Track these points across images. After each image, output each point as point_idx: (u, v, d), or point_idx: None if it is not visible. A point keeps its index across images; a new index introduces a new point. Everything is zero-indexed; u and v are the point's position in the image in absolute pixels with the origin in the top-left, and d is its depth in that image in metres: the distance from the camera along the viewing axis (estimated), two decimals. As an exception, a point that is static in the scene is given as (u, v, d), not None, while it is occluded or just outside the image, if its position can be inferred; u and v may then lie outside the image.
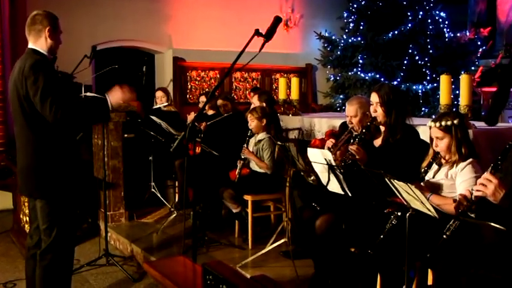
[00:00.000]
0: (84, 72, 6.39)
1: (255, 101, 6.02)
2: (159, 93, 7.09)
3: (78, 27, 7.85)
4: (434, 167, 3.43)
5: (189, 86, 9.29)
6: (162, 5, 8.94)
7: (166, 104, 6.98)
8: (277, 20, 3.06)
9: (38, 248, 3.58)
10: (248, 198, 5.04)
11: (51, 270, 3.49)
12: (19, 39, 7.27)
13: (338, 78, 10.05)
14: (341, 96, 9.89)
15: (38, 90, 3.24)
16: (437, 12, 9.89)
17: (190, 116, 6.92)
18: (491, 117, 4.61)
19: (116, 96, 3.53)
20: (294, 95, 6.80)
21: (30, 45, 3.47)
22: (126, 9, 8.53)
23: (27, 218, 5.28)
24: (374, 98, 3.95)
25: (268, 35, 3.00)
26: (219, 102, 6.27)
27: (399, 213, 3.10)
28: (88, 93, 6.15)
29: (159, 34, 8.98)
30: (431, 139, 3.45)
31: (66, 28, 3.65)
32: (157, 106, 6.95)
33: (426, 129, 3.75)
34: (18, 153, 3.52)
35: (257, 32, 2.98)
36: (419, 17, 9.60)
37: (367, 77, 9.44)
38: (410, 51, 9.45)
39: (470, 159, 3.29)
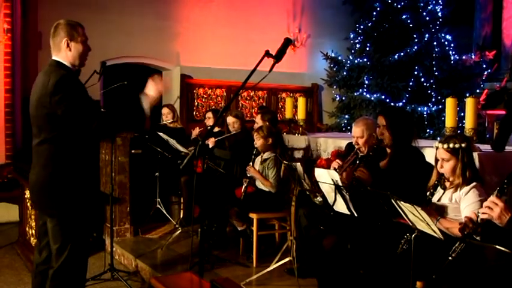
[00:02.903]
0: (93, 88, 6.43)
1: (258, 120, 6.07)
2: (165, 110, 7.14)
3: (88, 42, 7.94)
4: (439, 190, 3.45)
5: (196, 103, 9.36)
6: (170, 23, 9.05)
7: (172, 120, 7.03)
8: (287, 42, 3.09)
9: (47, 265, 3.51)
10: (253, 216, 5.06)
11: None
12: (30, 54, 7.38)
13: (344, 98, 10.12)
14: (346, 116, 9.95)
15: (68, 106, 3.18)
16: (443, 34, 9.98)
17: (195, 131, 6.96)
18: (498, 143, 4.62)
19: (151, 91, 3.46)
20: (301, 114, 6.85)
21: (54, 57, 3.38)
22: (135, 26, 8.65)
23: (33, 231, 5.30)
24: (381, 121, 4.00)
25: (278, 56, 3.03)
26: (230, 119, 6.28)
27: (408, 235, 3.11)
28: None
29: (167, 51, 9.08)
30: (436, 160, 3.47)
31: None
32: (163, 123, 7.01)
33: (431, 151, 3.78)
34: (34, 169, 3.41)
35: (267, 53, 3.02)
36: (425, 39, 9.69)
37: (372, 98, 9.50)
38: (415, 73, 9.52)
39: (474, 183, 3.31)
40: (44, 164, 3.35)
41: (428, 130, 9.47)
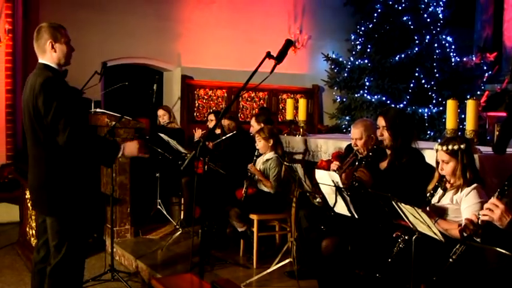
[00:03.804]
0: (94, 88, 6.46)
1: (253, 123, 6.10)
2: (160, 112, 7.16)
3: (89, 43, 7.96)
4: (440, 191, 3.45)
5: (197, 104, 9.37)
6: (172, 24, 9.06)
7: (169, 121, 7.03)
8: (288, 43, 3.09)
9: (45, 263, 3.56)
10: (254, 217, 5.06)
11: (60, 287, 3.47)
12: (31, 54, 7.37)
13: (344, 99, 10.12)
14: (347, 118, 9.95)
15: (50, 111, 3.21)
16: (444, 36, 9.98)
17: (197, 133, 6.97)
18: (499, 146, 4.61)
19: (131, 149, 3.56)
20: (301, 115, 6.84)
21: (40, 60, 3.45)
22: (136, 27, 8.66)
23: (34, 231, 5.31)
24: (381, 121, 4.01)
25: (280, 57, 3.03)
26: (225, 122, 6.35)
27: (406, 237, 3.12)
28: (98, 109, 6.24)
29: (168, 52, 9.09)
30: (437, 162, 3.48)
31: (77, 44, 3.62)
32: (161, 124, 7.03)
33: (432, 152, 3.78)
34: (30, 169, 3.49)
35: (268, 55, 3.01)
36: (426, 41, 9.69)
37: (373, 99, 9.50)
38: (416, 74, 9.52)
39: (475, 185, 3.32)
40: (39, 165, 3.42)
41: (429, 132, 9.47)
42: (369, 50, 9.85)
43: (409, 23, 9.66)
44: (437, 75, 9.67)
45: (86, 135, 3.36)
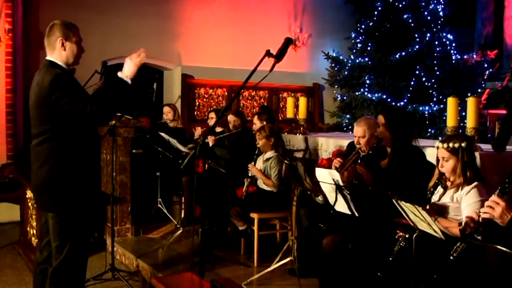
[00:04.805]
0: (94, 88, 6.44)
1: (256, 121, 6.10)
2: (166, 109, 7.16)
3: (89, 43, 7.81)
4: (440, 190, 3.45)
5: (197, 103, 9.36)
6: (172, 23, 9.05)
7: (172, 119, 7.03)
8: (287, 41, 3.09)
9: (48, 263, 3.54)
10: (254, 216, 5.06)
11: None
12: (31, 54, 7.38)
13: (345, 98, 10.10)
14: (348, 116, 9.94)
15: (68, 101, 3.20)
16: (444, 34, 9.96)
17: (197, 132, 6.97)
18: (499, 143, 4.60)
19: (128, 67, 3.50)
20: (302, 114, 6.84)
21: (48, 57, 3.42)
22: (136, 26, 8.64)
23: (34, 231, 5.31)
24: (380, 120, 4.01)
25: (279, 55, 3.02)
26: (231, 117, 6.33)
27: (407, 235, 3.12)
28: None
29: (168, 51, 9.07)
30: (437, 159, 3.48)
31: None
32: (163, 121, 7.02)
33: (432, 150, 3.78)
34: (34, 167, 3.45)
35: (268, 53, 3.01)
36: (427, 38, 9.67)
37: (374, 98, 9.48)
38: (417, 72, 9.50)
39: (476, 183, 3.31)
40: (44, 161, 3.38)
41: (429, 130, 9.45)
42: (369, 48, 9.83)
43: (410, 21, 9.64)
44: (437, 73, 9.65)
45: (102, 102, 3.31)
